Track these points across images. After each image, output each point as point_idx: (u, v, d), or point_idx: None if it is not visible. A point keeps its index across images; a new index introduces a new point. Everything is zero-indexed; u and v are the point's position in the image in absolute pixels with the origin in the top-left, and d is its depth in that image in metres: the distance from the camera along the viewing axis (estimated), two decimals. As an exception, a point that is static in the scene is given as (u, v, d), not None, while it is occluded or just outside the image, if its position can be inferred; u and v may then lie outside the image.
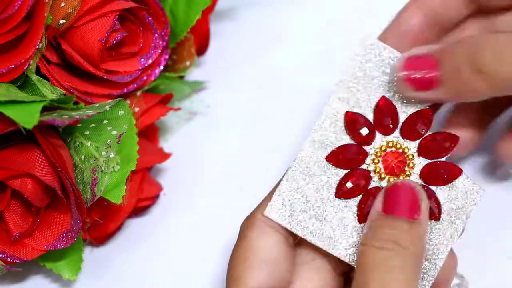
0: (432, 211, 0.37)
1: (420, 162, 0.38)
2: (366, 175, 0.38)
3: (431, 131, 0.38)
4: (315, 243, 0.38)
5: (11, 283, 0.46)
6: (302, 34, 0.54)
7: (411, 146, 0.38)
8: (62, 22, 0.40)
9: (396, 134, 0.38)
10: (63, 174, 0.39)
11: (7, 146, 0.40)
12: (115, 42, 0.42)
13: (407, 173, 0.38)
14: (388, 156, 0.38)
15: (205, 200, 0.48)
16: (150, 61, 0.44)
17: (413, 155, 0.38)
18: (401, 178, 0.38)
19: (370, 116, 0.39)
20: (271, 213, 0.38)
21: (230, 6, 0.56)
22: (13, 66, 0.39)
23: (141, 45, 0.44)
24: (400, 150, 0.38)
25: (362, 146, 0.38)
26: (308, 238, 0.38)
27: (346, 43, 0.54)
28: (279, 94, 0.52)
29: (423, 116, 0.38)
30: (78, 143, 0.41)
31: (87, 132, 0.41)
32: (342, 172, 0.38)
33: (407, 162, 0.38)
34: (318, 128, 0.39)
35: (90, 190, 0.40)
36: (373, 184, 0.38)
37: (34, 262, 0.44)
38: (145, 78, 0.45)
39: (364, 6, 0.55)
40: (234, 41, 0.54)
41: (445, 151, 0.38)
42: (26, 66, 0.39)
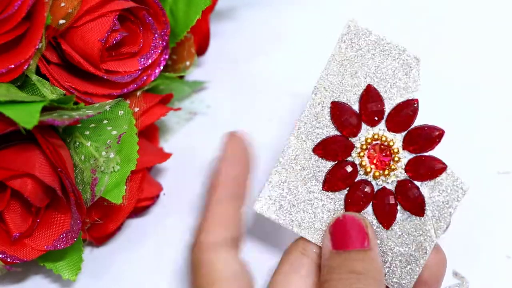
0: (417, 207, 0.37)
1: (405, 156, 0.38)
2: (352, 168, 0.38)
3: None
4: (304, 236, 0.38)
5: (11, 283, 0.46)
6: (302, 34, 0.54)
7: (397, 139, 0.38)
8: (62, 22, 0.40)
9: (381, 125, 0.38)
10: (63, 174, 0.39)
11: (7, 146, 0.40)
12: (115, 42, 0.42)
13: (392, 167, 0.37)
14: (374, 149, 0.38)
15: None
16: (150, 61, 0.44)
17: (398, 148, 0.37)
18: (386, 173, 0.38)
19: (356, 106, 0.38)
20: (259, 207, 0.38)
21: (230, 6, 0.56)
22: (13, 66, 0.39)
23: (141, 45, 0.44)
24: (385, 143, 0.38)
25: (348, 138, 0.38)
26: (297, 230, 0.38)
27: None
28: (279, 94, 0.52)
29: (409, 106, 0.38)
30: (78, 143, 0.41)
31: (87, 132, 0.41)
32: (329, 164, 0.38)
33: (393, 156, 0.38)
34: (304, 119, 0.39)
35: (90, 190, 0.40)
36: (359, 177, 0.38)
37: (34, 262, 0.44)
38: (145, 78, 0.45)
39: (365, 6, 0.55)
40: (234, 41, 0.54)
41: (430, 145, 0.37)
42: (26, 66, 0.39)
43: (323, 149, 0.38)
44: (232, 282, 0.36)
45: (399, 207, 0.37)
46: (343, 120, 0.38)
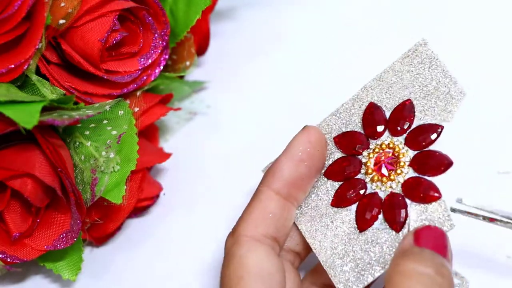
0: (397, 222, 0.36)
1: (407, 172, 0.37)
2: (362, 185, 0.38)
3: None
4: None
5: (11, 283, 0.46)
6: (302, 34, 0.54)
7: (408, 154, 0.38)
8: (62, 22, 0.40)
9: (402, 137, 0.38)
10: (63, 174, 0.39)
11: (7, 146, 0.40)
12: (115, 42, 0.42)
13: (391, 177, 0.37)
14: (382, 156, 0.38)
15: (205, 200, 0.48)
16: (150, 61, 0.44)
17: (405, 163, 0.37)
18: (384, 180, 0.37)
19: (388, 113, 0.39)
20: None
21: (230, 6, 0.56)
22: (13, 66, 0.39)
23: (141, 45, 0.44)
24: (396, 154, 0.38)
25: (368, 138, 0.39)
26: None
27: (346, 43, 0.54)
28: (279, 94, 0.52)
29: (433, 130, 0.38)
30: (78, 143, 0.41)
31: (87, 132, 0.41)
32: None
33: (396, 168, 0.38)
34: (341, 110, 0.40)
35: (90, 190, 0.40)
36: (360, 175, 0.38)
37: (34, 262, 0.44)
38: (145, 78, 0.45)
39: (365, 6, 0.55)
40: (234, 41, 0.54)
41: (435, 171, 0.37)
42: (26, 66, 0.39)
43: (341, 137, 0.39)
44: (259, 280, 0.35)
45: (381, 216, 0.37)
46: (370, 120, 0.39)
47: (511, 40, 0.52)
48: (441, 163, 0.37)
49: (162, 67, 0.45)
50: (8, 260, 0.41)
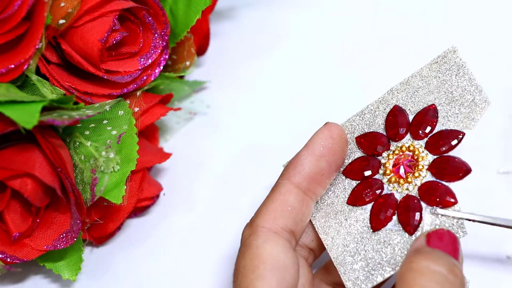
0: (410, 225, 0.36)
1: (425, 176, 0.37)
2: (379, 185, 0.38)
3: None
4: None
5: (11, 283, 0.46)
6: (302, 34, 0.54)
7: (427, 158, 0.38)
8: (62, 22, 0.40)
9: (423, 141, 0.38)
10: (63, 174, 0.39)
11: (7, 146, 0.40)
12: (115, 42, 0.42)
13: (409, 179, 0.37)
14: (402, 158, 0.38)
15: (205, 200, 0.48)
16: (150, 61, 0.44)
17: (423, 166, 0.38)
18: (401, 182, 0.37)
19: (411, 117, 0.39)
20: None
21: (230, 6, 0.56)
22: (13, 66, 0.39)
23: (141, 45, 0.44)
24: (415, 157, 0.38)
25: (390, 140, 0.39)
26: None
27: (346, 43, 0.54)
28: (279, 94, 0.52)
29: (454, 136, 0.38)
30: (78, 143, 0.41)
31: (87, 132, 0.41)
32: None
33: (415, 171, 0.38)
34: (365, 111, 0.40)
35: (90, 190, 0.40)
36: (378, 176, 0.38)
37: (34, 262, 0.44)
38: (145, 78, 0.45)
39: (365, 6, 0.55)
40: (234, 41, 0.54)
41: (452, 177, 0.37)
42: (26, 66, 0.39)
43: (363, 137, 0.40)
44: (274, 272, 0.35)
45: (395, 217, 0.37)
46: (393, 122, 0.39)
47: (510, 40, 0.52)
48: (459, 170, 0.37)
49: (162, 67, 0.45)
50: (8, 260, 0.41)
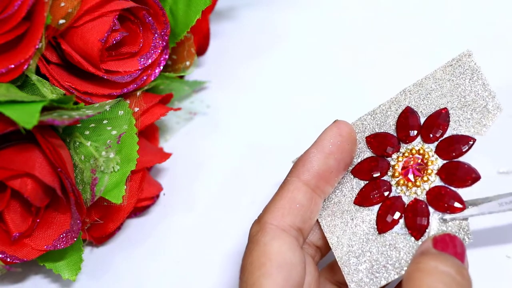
0: (417, 230, 0.36)
1: (434, 181, 0.37)
2: (387, 186, 0.38)
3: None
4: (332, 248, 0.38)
5: (11, 283, 0.46)
6: (302, 34, 0.54)
7: (437, 162, 0.38)
8: (62, 22, 0.40)
9: (433, 145, 0.38)
10: (63, 174, 0.39)
11: (7, 146, 0.40)
12: (115, 42, 0.42)
13: (417, 183, 0.37)
14: (411, 161, 0.38)
15: (205, 200, 0.48)
16: (150, 61, 0.44)
17: (432, 170, 0.37)
18: (409, 185, 0.37)
19: (423, 120, 0.39)
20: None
21: (230, 6, 0.56)
22: (13, 66, 0.39)
23: (141, 45, 0.44)
24: (425, 161, 0.38)
25: (400, 141, 0.39)
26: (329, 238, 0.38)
27: (346, 42, 0.54)
28: (279, 94, 0.52)
29: (464, 142, 0.38)
30: (78, 143, 0.41)
31: (87, 132, 0.41)
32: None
33: (423, 175, 0.37)
34: (377, 111, 0.40)
35: (90, 190, 0.40)
36: (386, 177, 0.38)
37: (34, 262, 0.44)
38: (145, 78, 0.45)
39: (365, 6, 0.55)
40: (234, 41, 0.54)
41: (461, 183, 0.37)
42: (26, 66, 0.39)
43: (374, 137, 0.39)
44: (281, 269, 0.35)
45: (402, 220, 0.37)
46: (404, 124, 0.39)
47: (510, 40, 0.52)
48: (468, 176, 0.36)
49: (162, 67, 0.45)
50: (8, 260, 0.41)
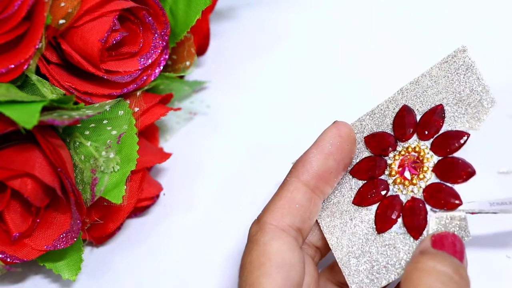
0: (416, 229, 0.36)
1: (430, 178, 0.37)
2: (384, 185, 0.38)
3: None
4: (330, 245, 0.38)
5: (11, 283, 0.46)
6: (302, 34, 0.54)
7: (432, 159, 0.38)
8: (62, 22, 0.40)
9: (428, 142, 0.38)
10: (63, 174, 0.39)
11: (7, 146, 0.40)
12: (115, 42, 0.42)
13: (414, 181, 0.37)
14: (407, 159, 0.38)
15: (205, 200, 0.48)
16: (150, 61, 0.44)
17: (428, 168, 0.37)
18: (406, 183, 0.37)
19: (419, 117, 0.39)
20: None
21: (230, 6, 0.56)
22: (13, 66, 0.39)
23: (141, 45, 0.44)
24: (420, 158, 0.38)
25: (397, 140, 0.39)
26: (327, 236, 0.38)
27: (346, 42, 0.54)
28: (279, 94, 0.52)
29: (459, 137, 0.38)
30: (78, 143, 0.41)
31: (87, 132, 0.41)
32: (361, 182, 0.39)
33: (419, 173, 0.37)
34: (376, 110, 0.40)
35: (90, 190, 0.40)
36: (383, 176, 0.38)
37: (34, 262, 0.44)
38: (145, 78, 0.45)
39: (364, 6, 0.55)
40: (234, 41, 0.54)
41: (456, 179, 0.37)
42: (26, 66, 0.39)
43: (371, 137, 0.39)
44: (280, 269, 0.35)
45: (400, 219, 0.37)
46: (401, 122, 0.39)
47: (509, 40, 0.52)
48: (463, 171, 0.36)
49: (162, 67, 0.45)
50: (8, 260, 0.41)
